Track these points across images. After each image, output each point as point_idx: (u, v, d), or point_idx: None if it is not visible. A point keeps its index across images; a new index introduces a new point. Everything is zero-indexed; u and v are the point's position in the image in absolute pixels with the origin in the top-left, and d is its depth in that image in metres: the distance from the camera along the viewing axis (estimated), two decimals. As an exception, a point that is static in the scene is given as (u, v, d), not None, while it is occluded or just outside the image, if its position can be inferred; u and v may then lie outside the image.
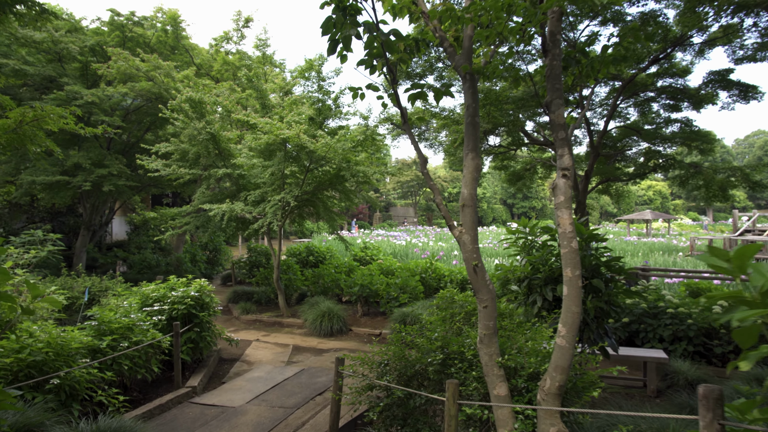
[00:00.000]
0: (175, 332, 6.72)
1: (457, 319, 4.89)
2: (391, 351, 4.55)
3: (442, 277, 13.31)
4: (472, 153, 3.91)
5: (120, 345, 6.15)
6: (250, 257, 17.42)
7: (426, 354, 4.33)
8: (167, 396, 6.41)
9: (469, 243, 3.79)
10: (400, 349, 4.48)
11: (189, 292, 7.50)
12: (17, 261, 9.87)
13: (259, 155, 11.20)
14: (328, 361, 8.65)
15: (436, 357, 4.16)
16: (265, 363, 8.51)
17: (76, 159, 14.25)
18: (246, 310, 12.46)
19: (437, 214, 59.77)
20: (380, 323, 11.17)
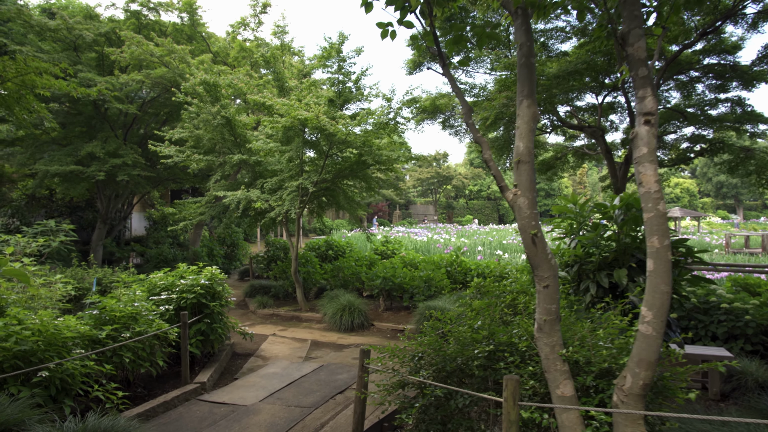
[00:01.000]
0: (183, 322, 6.13)
1: (502, 306, 4.17)
2: (426, 342, 3.85)
3: (468, 270, 12.57)
4: (527, 100, 3.20)
5: (121, 335, 5.58)
6: (268, 252, 16.90)
7: (467, 346, 3.63)
8: (173, 393, 5.82)
9: (525, 207, 3.09)
10: (437, 340, 3.78)
11: (199, 280, 6.91)
12: (24, 249, 9.43)
13: (276, 140, 10.60)
14: (348, 358, 8.00)
15: (483, 349, 3.45)
16: (281, 358, 7.90)
17: (90, 148, 13.86)
18: (263, 304, 11.89)
19: (457, 211, 58.86)
20: (404, 318, 10.49)
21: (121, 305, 5.89)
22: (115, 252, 18.06)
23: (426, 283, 10.97)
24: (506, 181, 3.32)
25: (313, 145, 10.61)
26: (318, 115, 9.27)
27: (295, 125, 9.93)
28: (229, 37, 16.62)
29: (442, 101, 12.23)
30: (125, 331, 5.65)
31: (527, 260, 3.14)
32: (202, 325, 6.79)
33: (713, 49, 10.77)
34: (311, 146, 10.66)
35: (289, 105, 9.59)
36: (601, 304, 4.20)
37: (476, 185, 59.48)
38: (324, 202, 12.82)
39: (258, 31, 16.55)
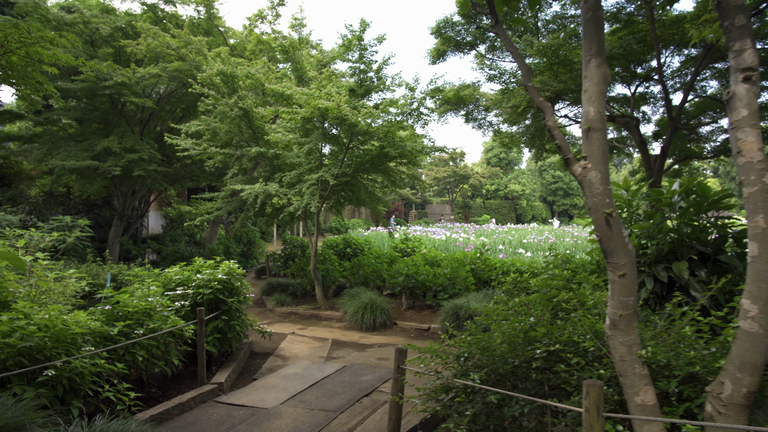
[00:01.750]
0: (199, 319, 5.76)
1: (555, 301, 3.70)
2: (474, 342, 3.41)
3: (492, 268, 12.07)
4: (596, 58, 2.74)
5: (134, 332, 5.22)
6: (285, 249, 16.60)
7: (520, 346, 3.18)
8: (189, 393, 5.45)
9: (597, 182, 2.64)
10: (487, 339, 3.33)
11: (216, 274, 6.54)
12: (38, 244, 9.19)
13: (295, 132, 10.24)
14: (372, 358, 7.58)
15: (545, 348, 3.00)
16: (301, 358, 7.51)
17: (106, 143, 13.65)
18: (281, 302, 11.53)
19: (474, 211, 58.18)
20: (427, 317, 10.04)
21: (135, 300, 5.55)
22: (132, 249, 17.90)
23: (450, 281, 10.52)
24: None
25: (333, 138, 10.22)
26: (339, 104, 8.88)
27: (314, 116, 9.55)
28: (246, 31, 16.33)
29: (465, 92, 11.76)
30: (138, 327, 5.30)
31: (599, 245, 2.68)
32: (220, 322, 6.42)
33: (757, 33, 10.15)
34: (331, 138, 10.27)
35: (309, 94, 9.22)
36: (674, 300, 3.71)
37: (493, 184, 58.74)
38: (343, 198, 12.43)
39: (275, 24, 16.26)
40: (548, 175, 61.57)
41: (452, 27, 10.77)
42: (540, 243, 24.87)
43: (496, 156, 63.80)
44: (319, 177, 9.62)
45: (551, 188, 61.91)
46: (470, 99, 11.92)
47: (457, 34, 10.69)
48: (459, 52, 11.15)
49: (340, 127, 9.84)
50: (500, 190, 59.36)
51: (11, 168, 17.72)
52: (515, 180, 60.45)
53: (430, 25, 13.60)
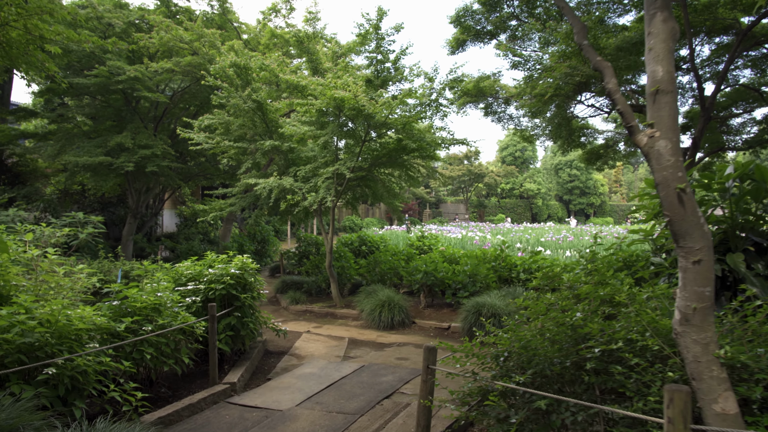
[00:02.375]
0: (210, 315, 5.47)
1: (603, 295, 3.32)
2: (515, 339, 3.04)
3: (513, 266, 11.67)
4: (662, 12, 2.37)
5: (142, 329, 4.94)
6: (299, 247, 16.33)
7: (566, 345, 2.81)
8: (199, 394, 5.15)
9: (667, 153, 2.26)
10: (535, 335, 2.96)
11: (229, 269, 6.25)
12: (48, 239, 9.00)
13: (310, 125, 9.94)
14: (391, 357, 7.23)
15: (603, 348, 2.62)
16: (317, 357, 7.19)
17: (119, 139, 13.49)
18: (295, 300, 11.24)
19: (489, 210, 57.61)
20: (447, 316, 9.68)
21: (144, 296, 5.27)
22: (146, 247, 17.78)
23: (470, 279, 10.14)
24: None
25: (349, 130, 9.90)
26: (356, 94, 8.55)
27: (330, 107, 9.24)
28: (260, 25, 16.09)
29: (485, 83, 11.35)
30: (147, 324, 5.01)
31: (669, 227, 2.30)
32: (232, 319, 6.13)
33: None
34: (347, 131, 9.95)
35: (325, 85, 8.91)
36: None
37: (508, 183, 58.06)
38: (359, 193, 12.12)
39: (289, 18, 15.98)
40: (564, 173, 60.70)
41: (472, 15, 10.39)
42: (558, 241, 24.37)
43: (511, 154, 63.09)
44: (335, 170, 9.31)
45: (567, 187, 61.01)
46: (490, 91, 11.52)
47: (477, 23, 10.30)
48: (479, 42, 10.76)
49: (356, 120, 9.51)
50: (515, 189, 58.67)
51: (26, 166, 17.71)
52: (530, 179, 59.68)
53: (449, 14, 13.09)
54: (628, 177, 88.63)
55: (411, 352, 7.59)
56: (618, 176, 78.78)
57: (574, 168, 60.15)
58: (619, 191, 78.10)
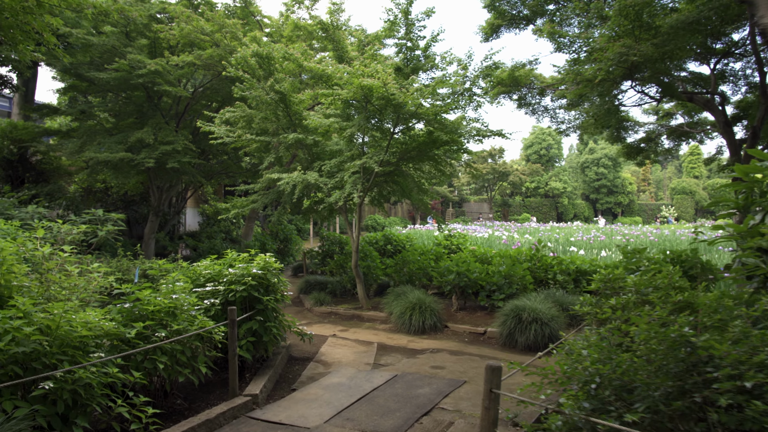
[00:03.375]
0: (231, 320, 4.96)
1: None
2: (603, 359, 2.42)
3: (549, 267, 10.98)
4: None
5: (155, 335, 4.45)
6: (323, 246, 15.86)
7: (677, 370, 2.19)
8: (218, 408, 4.64)
9: None
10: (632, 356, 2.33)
11: (250, 269, 5.74)
12: (65, 237, 8.64)
13: (335, 117, 9.42)
14: (426, 366, 6.64)
15: (750, 376, 2.00)
16: (345, 365, 6.64)
17: (140, 135, 13.19)
18: (319, 301, 10.73)
19: (513, 209, 56.54)
20: (482, 320, 9.04)
21: (159, 297, 4.78)
22: (168, 246, 17.53)
23: (506, 280, 9.48)
24: None
25: (377, 122, 9.34)
26: (385, 82, 7.98)
27: (357, 97, 8.70)
28: (282, 17, 15.66)
29: (520, 72, 10.67)
30: (161, 329, 4.52)
31: None
32: (254, 323, 5.61)
33: None
34: (375, 123, 9.39)
35: (352, 72, 8.36)
36: None
37: (533, 182, 56.90)
38: (386, 190, 11.55)
39: (313, 9, 15.48)
40: (591, 171, 59.28)
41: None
42: (590, 241, 23.49)
43: (536, 152, 61.92)
44: (362, 164, 8.76)
45: (594, 186, 59.58)
46: (525, 80, 10.83)
47: (513, 7, 9.64)
48: (514, 28, 10.10)
49: (385, 110, 8.95)
50: (540, 188, 57.48)
51: (50, 164, 17.62)
52: (556, 177, 58.41)
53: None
54: (657, 175, 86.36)
55: (446, 359, 6.99)
56: (646, 174, 76.82)
57: (601, 166, 58.68)
58: (647, 190, 76.09)
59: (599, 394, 2.33)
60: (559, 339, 7.71)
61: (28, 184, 16.42)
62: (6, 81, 17.25)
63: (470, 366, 6.65)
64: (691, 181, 63.18)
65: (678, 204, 60.95)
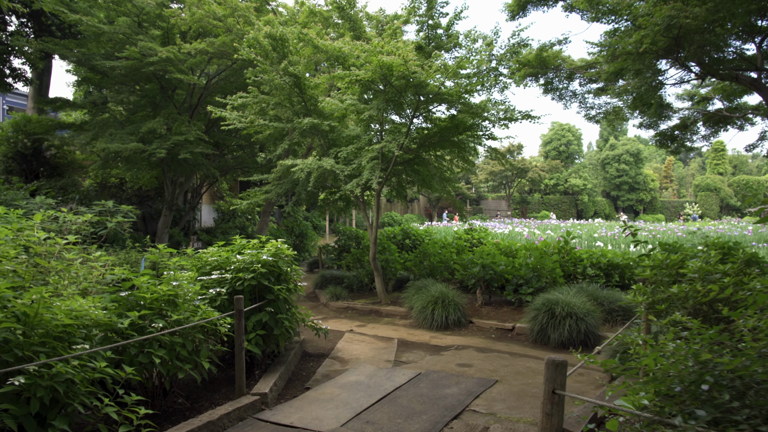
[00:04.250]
0: (237, 310, 4.45)
1: None
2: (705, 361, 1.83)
3: (578, 260, 10.34)
4: None
5: (152, 325, 3.97)
6: (339, 241, 15.40)
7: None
8: (222, 408, 4.14)
9: None
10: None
11: (260, 256, 5.23)
12: (69, 226, 8.25)
13: (352, 99, 8.89)
14: (451, 363, 6.07)
15: None
16: (364, 362, 6.11)
17: (151, 125, 12.82)
18: (335, 296, 10.23)
19: (532, 206, 55.56)
20: (508, 315, 8.44)
21: (158, 285, 4.29)
22: (182, 241, 17.20)
23: (534, 273, 8.87)
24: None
25: (396, 104, 8.78)
26: (406, 58, 7.42)
27: (376, 78, 8.16)
28: (297, 4, 15.18)
29: (548, 53, 10.03)
30: (158, 319, 4.03)
31: None
32: (264, 315, 5.10)
33: None
34: (395, 105, 8.84)
35: (370, 50, 7.82)
36: None
37: (552, 179, 55.81)
38: (405, 179, 10.99)
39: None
40: (612, 168, 58.00)
41: (535, -26, 9.10)
42: (614, 237, 22.70)
43: (555, 149, 60.78)
44: (381, 148, 8.22)
45: (615, 182, 58.28)
46: (553, 61, 10.17)
47: None
48: (542, 5, 9.46)
49: (405, 92, 8.39)
50: (560, 185, 56.37)
51: (64, 158, 17.43)
52: (576, 174, 57.25)
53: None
54: (679, 172, 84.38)
55: (473, 357, 6.42)
56: (668, 171, 75.04)
57: (622, 162, 57.37)
58: (669, 187, 74.31)
59: (715, 398, 1.74)
60: (597, 336, 7.10)
61: (43, 178, 16.23)
62: (19, 74, 17.04)
63: (500, 364, 6.07)
64: (715, 178, 61.46)
65: (702, 201, 59.32)
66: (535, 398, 4.81)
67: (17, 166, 16.16)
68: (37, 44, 14.05)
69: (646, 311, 4.18)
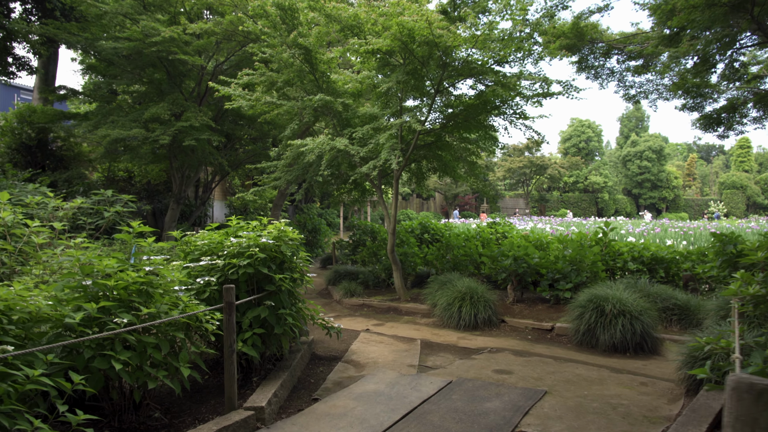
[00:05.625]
0: (227, 302, 3.56)
1: None
2: None
3: (617, 254, 9.32)
4: None
5: (113, 321, 3.10)
6: (353, 235, 14.50)
7: None
8: (204, 428, 3.25)
9: None
10: None
11: (259, 239, 4.33)
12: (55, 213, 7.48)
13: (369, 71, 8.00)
14: (487, 369, 5.12)
15: None
16: (383, 366, 5.19)
17: (155, 110, 12.07)
18: (350, 292, 9.34)
19: (551, 204, 54.17)
20: (544, 313, 7.45)
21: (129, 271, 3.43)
22: (190, 236, 16.49)
23: (573, 266, 7.88)
24: None
25: (417, 79, 7.86)
26: (429, 20, 6.49)
27: (395, 47, 7.25)
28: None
29: (585, 24, 9.02)
30: (123, 313, 3.16)
31: None
32: (263, 310, 4.20)
33: None
34: (415, 81, 7.92)
35: (389, 14, 6.92)
36: None
37: (572, 176, 54.33)
38: (425, 166, 10.07)
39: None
40: (633, 165, 56.31)
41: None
42: (643, 234, 21.54)
43: (575, 145, 59.27)
44: (401, 124, 7.30)
45: (637, 180, 56.59)
46: (592, 32, 9.15)
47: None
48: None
49: (428, 63, 7.46)
50: (579, 183, 54.88)
51: (70, 150, 16.83)
52: (596, 171, 55.70)
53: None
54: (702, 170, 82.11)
55: (511, 361, 5.46)
56: (691, 169, 72.96)
57: (644, 159, 55.65)
58: (692, 185, 72.21)
59: None
60: (654, 338, 6.09)
61: (48, 170, 15.64)
62: (24, 62, 16.43)
63: (545, 370, 5.11)
64: (742, 175, 59.39)
65: (728, 199, 57.33)
66: (599, 416, 3.85)
67: (22, 158, 15.55)
68: (39, 28, 13.42)
69: (754, 307, 3.21)
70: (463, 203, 47.82)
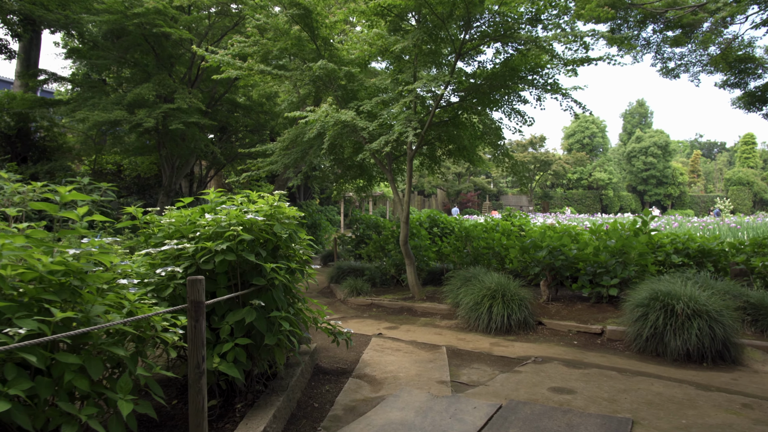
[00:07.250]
0: (192, 302, 2.41)
1: None
2: None
3: (658, 246, 8.17)
4: None
5: (3, 331, 1.96)
6: (356, 230, 13.40)
7: None
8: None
9: None
10: None
11: (243, 216, 3.19)
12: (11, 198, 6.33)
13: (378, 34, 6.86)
14: (540, 387, 3.99)
15: None
16: (406, 383, 4.05)
17: (138, 91, 10.94)
18: (356, 290, 8.21)
19: (554, 202, 53.12)
20: (586, 313, 6.32)
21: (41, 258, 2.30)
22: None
23: (616, 259, 6.75)
24: None
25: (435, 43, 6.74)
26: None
27: (410, 4, 6.13)
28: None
29: None
30: (24, 318, 2.03)
31: None
32: (249, 313, 3.05)
33: None
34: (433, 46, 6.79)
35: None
36: None
37: (575, 173, 53.25)
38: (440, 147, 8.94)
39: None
40: (638, 161, 55.20)
41: None
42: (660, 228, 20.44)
43: (579, 141, 58.16)
44: (422, 86, 6.16)
45: (642, 176, 55.49)
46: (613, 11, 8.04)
47: None
48: None
49: (449, 20, 6.33)
50: (583, 179, 53.80)
51: (54, 141, 15.70)
52: (600, 168, 54.60)
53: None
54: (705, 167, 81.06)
55: (566, 375, 4.33)
56: (695, 166, 71.87)
57: (649, 155, 54.51)
58: (697, 182, 71.11)
59: None
60: (736, 345, 4.99)
61: (30, 162, 14.51)
62: (2, 45, 15.25)
63: (614, 388, 3.98)
64: (748, 171, 58.31)
65: (734, 196, 56.20)
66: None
67: (1, 150, 14.41)
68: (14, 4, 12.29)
69: None
70: (465, 200, 46.72)
